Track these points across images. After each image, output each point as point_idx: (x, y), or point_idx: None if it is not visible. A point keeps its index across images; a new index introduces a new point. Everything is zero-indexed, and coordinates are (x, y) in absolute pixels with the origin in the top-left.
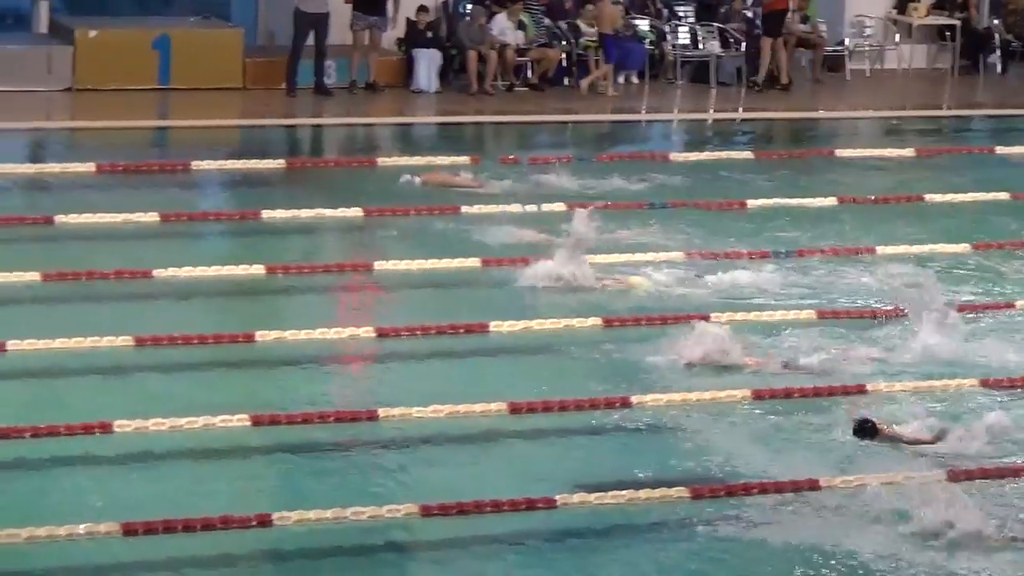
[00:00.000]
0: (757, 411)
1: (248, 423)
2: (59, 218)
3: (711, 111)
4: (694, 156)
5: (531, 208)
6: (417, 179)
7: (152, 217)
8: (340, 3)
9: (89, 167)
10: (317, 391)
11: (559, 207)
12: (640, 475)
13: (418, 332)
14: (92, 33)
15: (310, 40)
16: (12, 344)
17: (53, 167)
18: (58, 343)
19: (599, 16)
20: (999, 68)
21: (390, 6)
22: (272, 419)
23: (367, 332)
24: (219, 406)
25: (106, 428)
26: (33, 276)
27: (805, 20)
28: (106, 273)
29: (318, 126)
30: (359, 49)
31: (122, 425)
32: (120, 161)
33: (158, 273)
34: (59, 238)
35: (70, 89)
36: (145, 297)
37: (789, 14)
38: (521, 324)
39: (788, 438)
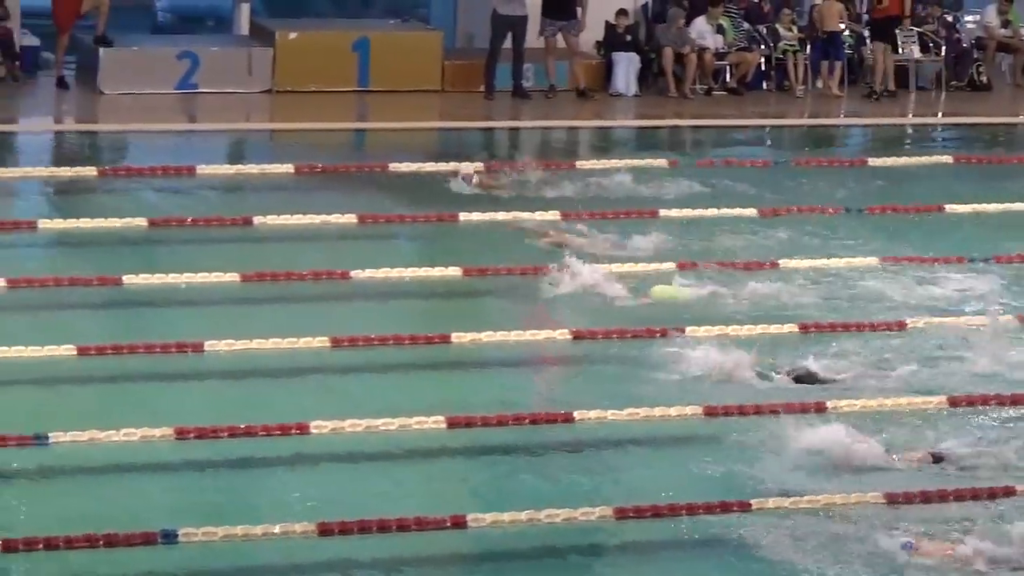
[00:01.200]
0: None
1: (444, 425)
2: (258, 219)
3: (910, 115)
4: (892, 161)
5: (722, 211)
6: (466, 185)
7: (350, 219)
8: (537, 7)
9: (288, 168)
10: (512, 393)
11: (749, 212)
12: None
13: (614, 335)
14: (292, 35)
15: (508, 43)
16: (210, 345)
17: (252, 168)
18: (255, 344)
19: (822, 15)
20: None
21: (580, 9)
22: (467, 421)
23: (563, 335)
24: (415, 407)
25: (303, 429)
26: (232, 277)
27: (1007, 24)
28: (303, 274)
29: (515, 129)
30: (552, 53)
31: (319, 426)
32: (319, 162)
33: (356, 274)
34: (258, 239)
35: (270, 91)
36: (342, 298)
37: (994, 19)
38: (716, 330)
39: None
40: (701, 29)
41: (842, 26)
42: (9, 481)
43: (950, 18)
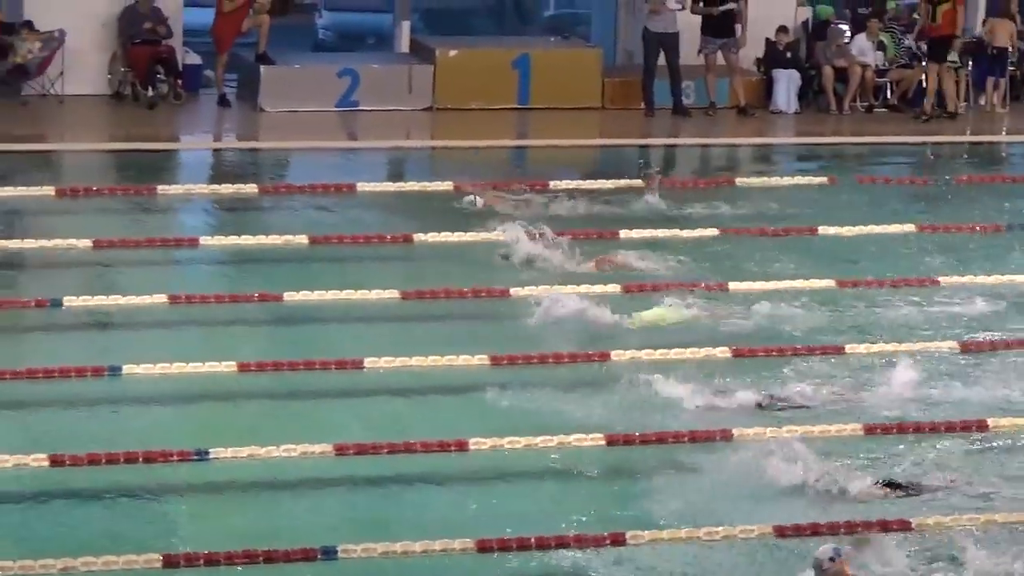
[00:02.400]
0: None
1: (603, 442)
2: (418, 236)
3: None
4: None
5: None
6: (479, 200)
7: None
8: (694, 24)
9: (447, 185)
10: (671, 411)
11: (898, 228)
12: None
13: (774, 352)
14: (452, 53)
15: (663, 60)
16: (369, 362)
17: (412, 185)
18: (415, 361)
19: (994, 31)
20: None
21: (739, 27)
22: (626, 439)
23: (723, 352)
24: (574, 425)
25: (462, 446)
26: (392, 294)
27: None
28: (463, 291)
29: (675, 146)
30: (712, 71)
31: (478, 443)
32: (478, 179)
33: (515, 291)
34: (417, 256)
35: (430, 108)
36: (501, 316)
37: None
38: (863, 347)
39: None
40: (862, 46)
41: (1010, 44)
42: (171, 496)
43: None
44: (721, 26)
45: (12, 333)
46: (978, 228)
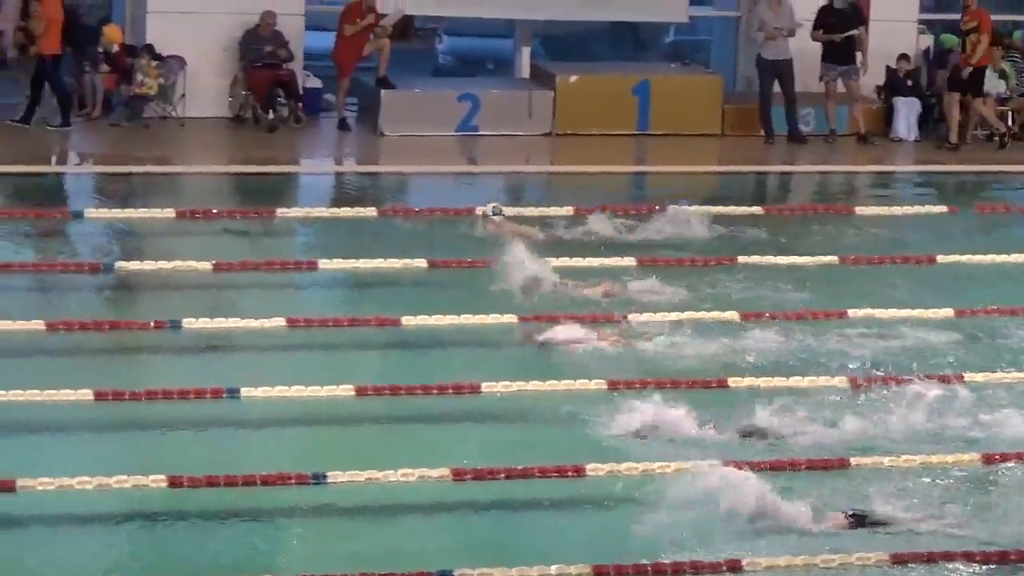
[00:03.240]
0: None
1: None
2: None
3: None
4: None
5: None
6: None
7: (628, 261)
8: (815, 51)
9: (567, 210)
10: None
11: (1019, 257)
12: None
13: (892, 382)
14: (572, 78)
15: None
16: (487, 386)
17: (532, 210)
18: (532, 385)
19: None
20: None
21: (859, 54)
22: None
23: (840, 381)
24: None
25: (579, 472)
26: (510, 319)
27: None
28: (582, 316)
29: (793, 173)
30: (832, 98)
31: (595, 468)
32: (597, 204)
33: (633, 318)
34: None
35: (550, 134)
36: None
37: None
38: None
39: None
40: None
41: None
42: (288, 520)
43: None
44: (842, 53)
45: (132, 354)
46: None
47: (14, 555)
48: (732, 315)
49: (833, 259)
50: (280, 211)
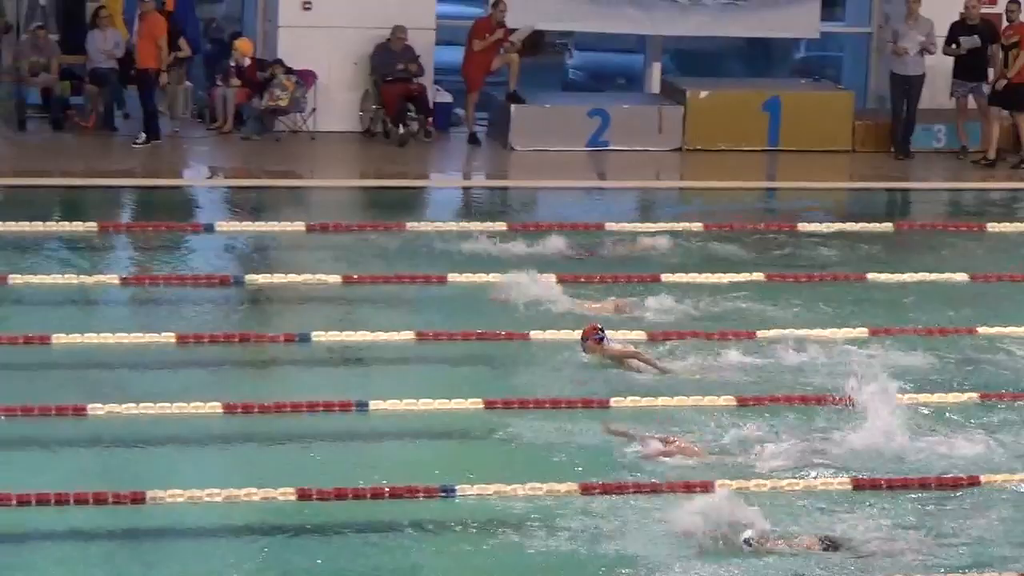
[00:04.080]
0: None
1: (849, 486)
2: (665, 276)
3: None
4: None
5: None
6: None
7: (757, 276)
8: (946, 67)
9: (697, 226)
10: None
11: None
12: None
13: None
14: (703, 94)
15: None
16: (615, 400)
17: (662, 225)
18: (660, 401)
19: None
20: None
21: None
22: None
23: (971, 397)
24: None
25: (706, 488)
26: (638, 335)
27: None
28: (710, 334)
29: (925, 190)
30: (963, 114)
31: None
32: (726, 221)
33: (761, 334)
34: (662, 293)
35: (680, 149)
36: (751, 352)
37: None
38: None
39: None
40: None
41: None
42: (417, 533)
43: None
44: (972, 69)
45: (261, 367)
46: None
47: (143, 567)
48: (862, 332)
49: (963, 277)
50: (410, 225)
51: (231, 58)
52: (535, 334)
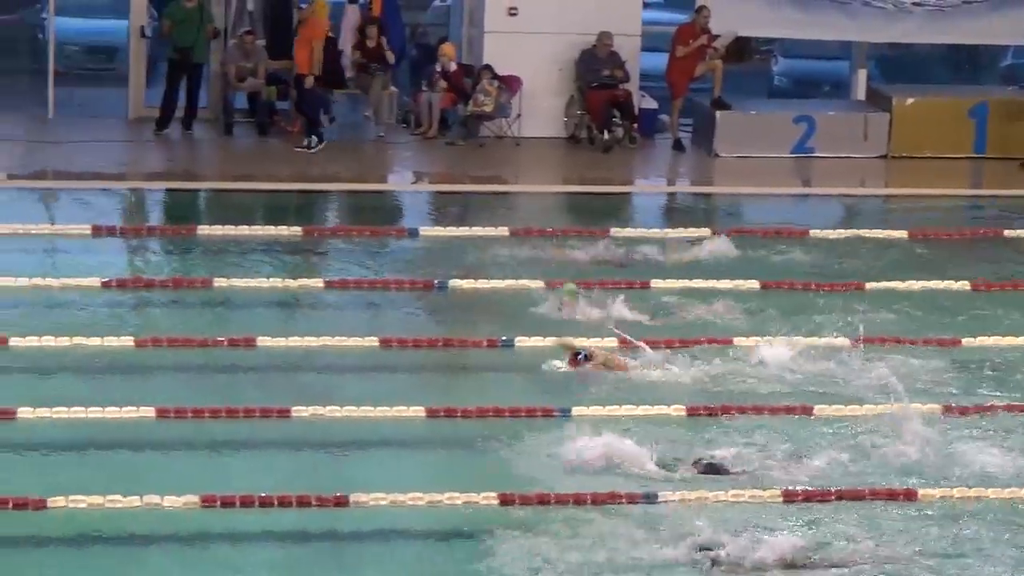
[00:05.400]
0: None
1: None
2: (870, 285)
3: None
4: None
5: None
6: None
7: (963, 285)
8: None
9: (901, 233)
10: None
11: None
12: None
13: None
14: (909, 101)
15: None
16: (819, 409)
17: (865, 232)
18: (864, 409)
19: None
20: None
21: None
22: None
23: None
24: None
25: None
26: (843, 341)
27: None
28: (914, 340)
29: None
30: None
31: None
32: (931, 228)
33: (967, 342)
34: (866, 301)
35: (885, 156)
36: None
37: None
38: None
39: None
40: None
41: None
42: (617, 535)
43: None
44: None
45: (464, 372)
46: None
47: (346, 571)
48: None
49: None
50: (613, 230)
51: (437, 63)
52: (738, 339)
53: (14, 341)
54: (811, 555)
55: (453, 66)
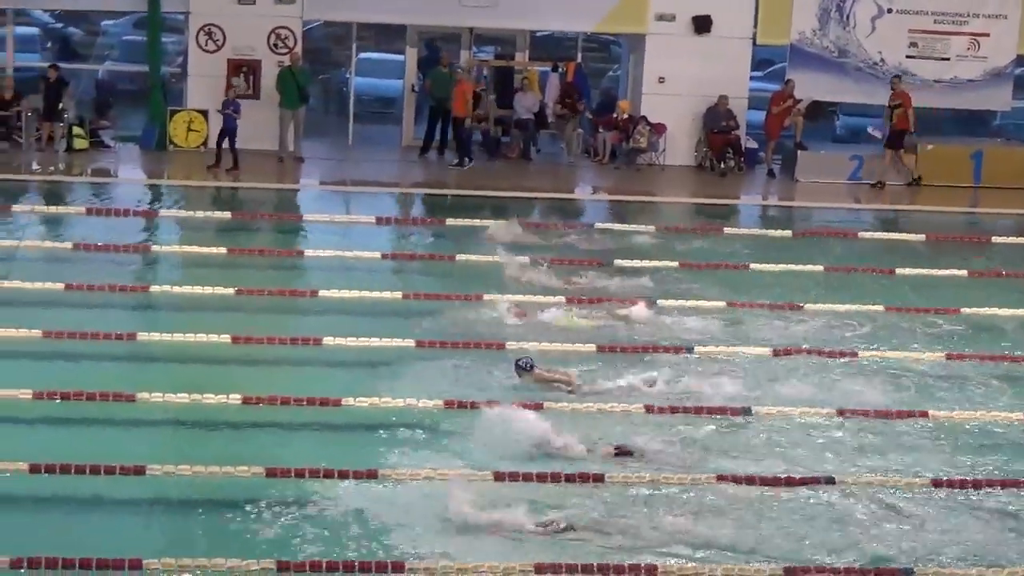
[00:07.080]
0: None
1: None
2: (899, 270)
3: None
4: None
5: None
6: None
7: (960, 273)
8: None
9: (920, 237)
10: None
11: None
12: None
13: None
14: (929, 147)
15: None
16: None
17: (894, 235)
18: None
19: None
20: None
21: None
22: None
23: None
24: None
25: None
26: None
27: None
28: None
29: None
30: None
31: None
32: (944, 232)
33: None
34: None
35: (911, 184)
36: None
37: None
38: None
39: None
40: None
41: None
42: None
43: None
44: None
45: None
46: None
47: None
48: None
49: None
50: (727, 229)
51: (614, 112)
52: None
53: (323, 293)
54: None
55: (625, 115)
